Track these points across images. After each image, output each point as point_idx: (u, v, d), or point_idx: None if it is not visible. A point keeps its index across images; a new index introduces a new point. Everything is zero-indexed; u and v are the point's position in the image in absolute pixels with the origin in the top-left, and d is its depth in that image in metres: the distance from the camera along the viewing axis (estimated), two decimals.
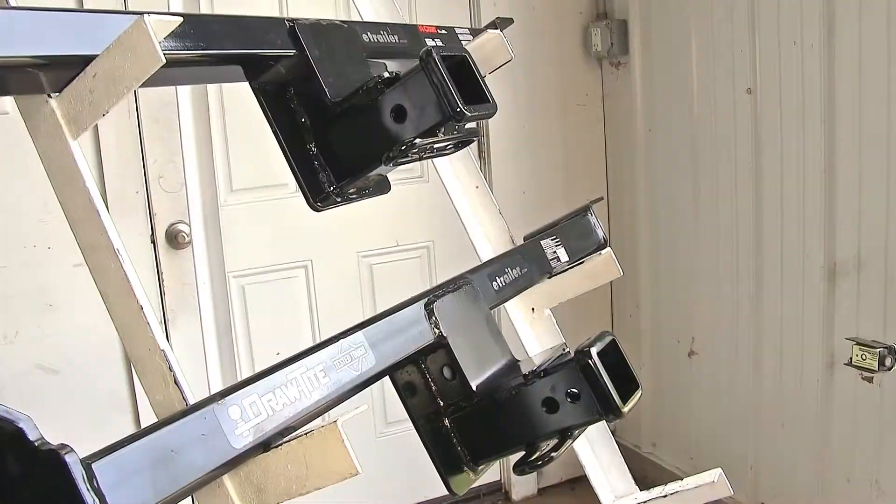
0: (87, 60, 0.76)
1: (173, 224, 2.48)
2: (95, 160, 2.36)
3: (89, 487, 0.62)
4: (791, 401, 2.43)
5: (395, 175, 1.13)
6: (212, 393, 0.77)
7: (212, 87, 2.52)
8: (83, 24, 0.77)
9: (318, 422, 0.82)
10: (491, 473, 3.12)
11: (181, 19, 0.78)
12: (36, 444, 0.62)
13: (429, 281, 2.87)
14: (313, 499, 0.80)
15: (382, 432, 2.88)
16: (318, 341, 0.89)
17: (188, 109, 2.53)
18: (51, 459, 0.61)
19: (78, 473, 0.61)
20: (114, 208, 2.38)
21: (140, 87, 0.77)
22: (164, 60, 0.73)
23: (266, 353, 2.66)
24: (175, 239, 2.48)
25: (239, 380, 0.80)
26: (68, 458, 0.61)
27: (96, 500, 0.62)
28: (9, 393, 2.33)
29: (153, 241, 2.46)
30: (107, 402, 2.46)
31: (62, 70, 0.77)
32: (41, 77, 0.77)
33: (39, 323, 2.38)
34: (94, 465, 0.65)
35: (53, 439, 0.62)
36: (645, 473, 2.95)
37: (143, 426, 0.75)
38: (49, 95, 0.78)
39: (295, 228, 2.66)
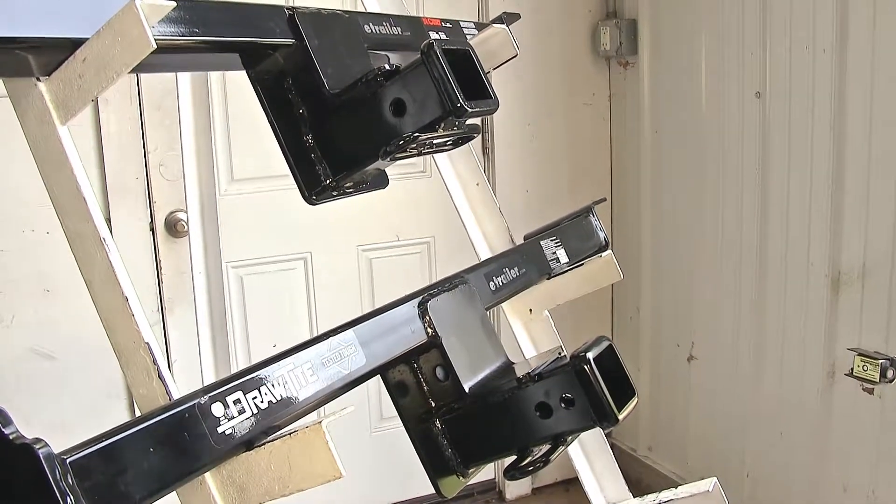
0: (76, 44, 0.75)
1: (172, 212, 2.46)
2: (96, 146, 2.35)
3: (64, 483, 0.61)
4: (790, 409, 2.41)
5: (397, 169, 1.11)
6: (203, 385, 0.76)
7: (213, 74, 2.50)
8: (74, 5, 0.76)
9: (304, 421, 0.80)
10: (485, 472, 3.08)
11: (175, 4, 0.76)
12: (10, 437, 0.60)
13: (429, 277, 2.85)
14: (306, 494, 0.78)
15: (377, 427, 2.87)
16: (315, 335, 0.87)
17: (188, 97, 2.51)
18: (24, 453, 0.60)
19: (50, 469, 0.60)
20: (114, 195, 2.37)
21: (131, 72, 0.75)
22: (154, 46, 0.71)
23: (262, 345, 2.64)
24: (174, 227, 2.46)
25: (233, 372, 0.79)
26: (42, 453, 0.60)
27: (70, 496, 0.61)
28: (4, 378, 2.32)
29: (152, 230, 2.45)
30: (102, 389, 2.45)
31: (51, 53, 0.75)
32: (30, 59, 0.75)
33: (37, 308, 2.37)
34: (69, 461, 0.63)
35: (48, 425, 0.61)
36: (640, 477, 2.93)
37: (137, 414, 0.73)
38: (38, 79, 0.76)
39: (295, 220, 2.64)
